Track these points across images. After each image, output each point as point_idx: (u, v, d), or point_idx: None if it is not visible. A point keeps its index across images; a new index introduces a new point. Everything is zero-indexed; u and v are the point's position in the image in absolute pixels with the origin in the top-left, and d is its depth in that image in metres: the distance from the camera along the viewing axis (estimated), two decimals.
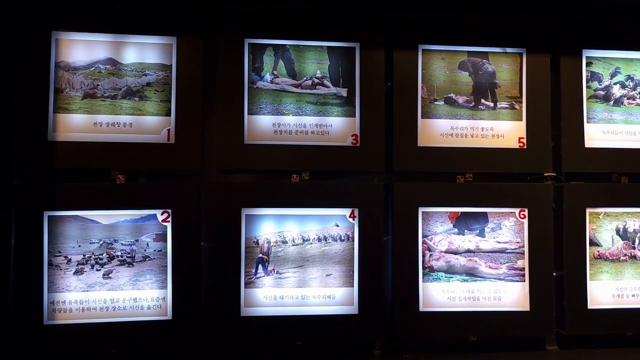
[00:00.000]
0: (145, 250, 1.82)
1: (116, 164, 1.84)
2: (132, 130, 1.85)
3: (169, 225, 1.83)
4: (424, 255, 1.95)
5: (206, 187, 1.89)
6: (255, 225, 1.88)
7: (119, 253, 1.81)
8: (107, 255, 1.81)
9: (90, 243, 1.80)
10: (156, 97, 1.86)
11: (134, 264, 1.82)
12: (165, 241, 1.83)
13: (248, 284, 1.87)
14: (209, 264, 1.87)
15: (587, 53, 2.05)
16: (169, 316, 1.82)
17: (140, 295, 1.82)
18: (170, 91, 1.87)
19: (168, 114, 1.86)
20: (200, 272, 1.85)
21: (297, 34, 1.93)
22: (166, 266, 1.83)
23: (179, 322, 1.82)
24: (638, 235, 2.03)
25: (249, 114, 1.90)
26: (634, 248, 2.02)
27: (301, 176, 1.92)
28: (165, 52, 1.88)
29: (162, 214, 1.84)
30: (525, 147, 2.00)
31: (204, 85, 1.89)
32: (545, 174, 2.04)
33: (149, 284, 1.82)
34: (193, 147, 1.86)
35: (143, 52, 1.87)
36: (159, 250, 1.83)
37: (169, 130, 1.86)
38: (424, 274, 1.94)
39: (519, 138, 2.00)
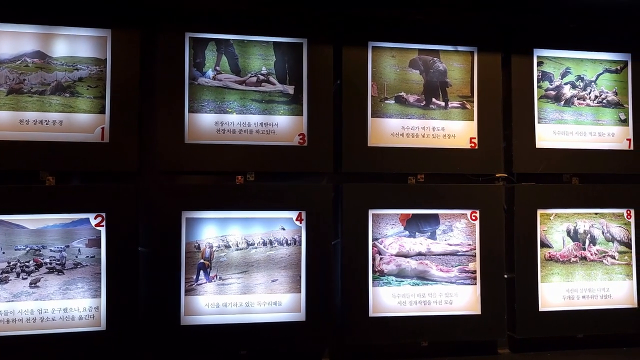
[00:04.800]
0: (76, 256, 1.71)
1: (45, 164, 1.72)
2: (63, 128, 1.73)
3: (102, 230, 1.72)
4: (374, 259, 1.89)
5: (144, 189, 1.78)
6: (197, 229, 1.78)
7: (47, 260, 1.69)
8: (35, 263, 1.68)
9: (15, 249, 1.67)
10: (89, 94, 1.75)
11: (64, 271, 1.70)
12: (99, 247, 1.72)
13: (189, 291, 1.77)
14: (147, 271, 1.77)
15: (538, 52, 2.02)
16: (102, 327, 1.71)
17: (71, 305, 1.70)
18: (105, 87, 1.75)
19: (102, 111, 1.75)
20: (137, 279, 1.74)
21: (242, 29, 1.85)
22: (100, 273, 1.71)
23: (114, 333, 1.71)
24: (588, 236, 2.02)
25: (190, 112, 1.80)
26: (584, 249, 2.01)
27: (246, 177, 1.84)
28: (99, 45, 1.76)
29: (95, 218, 1.72)
30: (476, 147, 1.96)
31: (141, 82, 1.79)
32: (496, 175, 2.01)
33: (80, 293, 1.70)
34: (129, 147, 1.76)
35: (75, 45, 1.75)
36: (92, 257, 1.71)
37: (103, 128, 1.74)
38: (374, 278, 1.88)
39: (471, 138, 1.97)
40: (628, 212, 2.05)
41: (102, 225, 1.72)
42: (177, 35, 1.80)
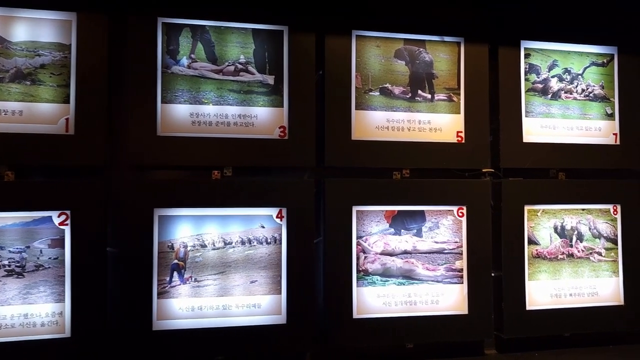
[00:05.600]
0: (38, 258, 1.57)
1: (4, 158, 1.58)
2: (23, 119, 1.59)
3: (67, 229, 1.59)
4: (358, 258, 1.80)
5: (112, 184, 1.66)
6: (170, 228, 1.67)
7: (6, 262, 1.55)
8: None
9: None
10: (52, 81, 1.61)
11: (24, 274, 1.56)
12: (63, 247, 1.59)
13: (161, 294, 1.65)
14: (116, 273, 1.65)
15: (526, 44, 1.97)
16: (67, 334, 1.58)
17: (32, 310, 1.56)
18: (69, 75, 1.62)
19: (66, 101, 1.62)
20: (105, 282, 1.62)
21: (219, 14, 1.74)
22: (64, 276, 1.58)
23: (80, 340, 1.58)
24: (575, 232, 1.98)
25: (162, 102, 1.68)
26: (571, 246, 1.97)
27: (223, 172, 1.73)
28: (64, 29, 1.63)
29: (59, 216, 1.59)
30: (463, 141, 1.90)
31: (110, 69, 1.66)
32: (483, 170, 1.94)
33: (42, 297, 1.57)
34: (97, 140, 1.63)
35: (36, 29, 1.61)
36: (55, 258, 1.58)
37: (67, 119, 1.61)
38: (358, 278, 1.80)
39: (457, 132, 1.90)
40: (614, 207, 2.01)
41: (67, 224, 1.59)
42: (149, 20, 1.68)
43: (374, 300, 1.80)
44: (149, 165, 1.70)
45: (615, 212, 2.01)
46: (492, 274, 1.91)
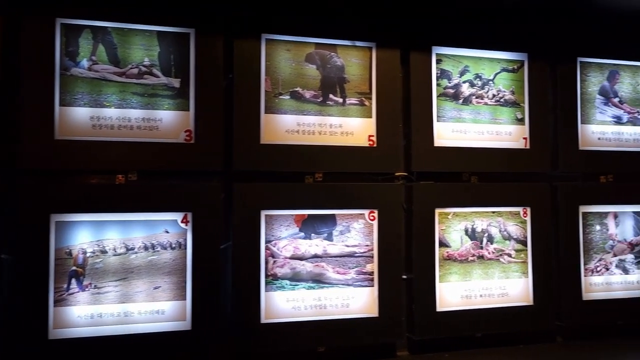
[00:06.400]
0: None
1: None
2: None
3: None
4: (267, 262, 1.80)
5: (6, 189, 1.61)
6: (68, 234, 1.63)
7: None
8: None
9: None
10: None
11: None
12: None
13: (58, 302, 1.61)
14: (10, 280, 1.59)
15: (437, 50, 2.00)
16: None
17: None
18: None
19: None
20: None
21: (122, 16, 1.70)
22: None
23: None
24: (486, 235, 2.02)
25: (61, 105, 1.64)
26: (481, 248, 2.01)
27: (127, 177, 1.70)
28: None
29: None
30: (375, 145, 1.91)
31: (4, 71, 1.61)
32: (396, 174, 1.97)
33: None
34: None
35: None
36: None
37: None
38: (266, 283, 1.79)
39: (369, 136, 1.91)
40: (524, 210, 2.07)
41: None
42: (47, 21, 1.64)
43: (283, 304, 1.80)
44: (46, 169, 1.65)
45: (525, 215, 2.06)
46: (404, 277, 1.94)
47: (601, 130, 2.18)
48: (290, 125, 1.84)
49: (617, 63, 2.21)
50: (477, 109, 2.04)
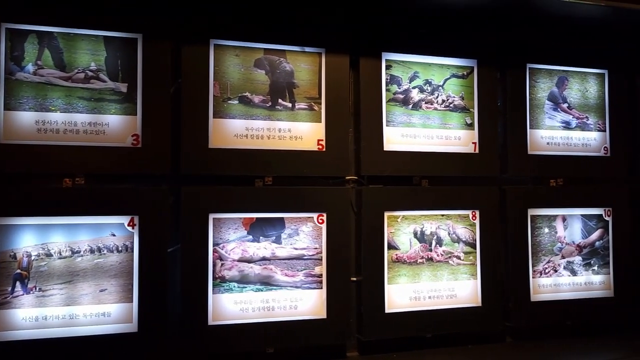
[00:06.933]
0: None
1: None
2: None
3: None
4: (214, 265, 1.82)
5: None
6: (12, 237, 1.64)
7: None
8: None
9: None
10: None
11: None
12: None
13: (2, 305, 1.62)
14: None
15: (387, 56, 2.03)
16: None
17: None
18: None
19: None
20: None
21: (67, 21, 1.72)
22: None
23: None
24: (435, 237, 2.06)
25: (5, 109, 1.65)
26: (430, 250, 2.05)
27: (74, 181, 1.72)
28: None
29: None
30: (324, 149, 1.94)
31: None
32: (346, 178, 2.00)
33: None
34: None
35: None
36: None
37: None
38: (214, 285, 1.81)
39: (318, 140, 1.94)
40: (473, 213, 2.11)
41: None
42: None
43: (230, 306, 1.82)
44: None
45: (474, 218, 2.11)
46: (353, 279, 1.97)
47: (550, 135, 2.22)
48: (239, 130, 1.87)
49: (566, 69, 2.26)
50: (427, 114, 2.07)
